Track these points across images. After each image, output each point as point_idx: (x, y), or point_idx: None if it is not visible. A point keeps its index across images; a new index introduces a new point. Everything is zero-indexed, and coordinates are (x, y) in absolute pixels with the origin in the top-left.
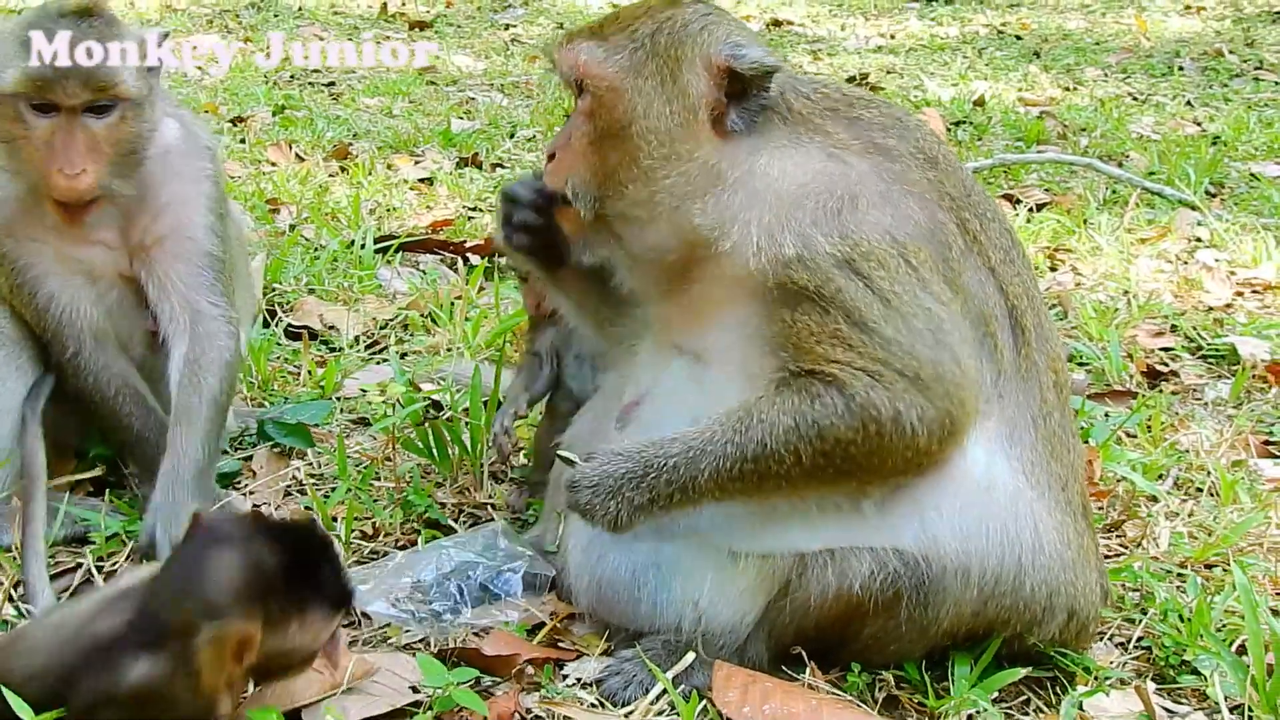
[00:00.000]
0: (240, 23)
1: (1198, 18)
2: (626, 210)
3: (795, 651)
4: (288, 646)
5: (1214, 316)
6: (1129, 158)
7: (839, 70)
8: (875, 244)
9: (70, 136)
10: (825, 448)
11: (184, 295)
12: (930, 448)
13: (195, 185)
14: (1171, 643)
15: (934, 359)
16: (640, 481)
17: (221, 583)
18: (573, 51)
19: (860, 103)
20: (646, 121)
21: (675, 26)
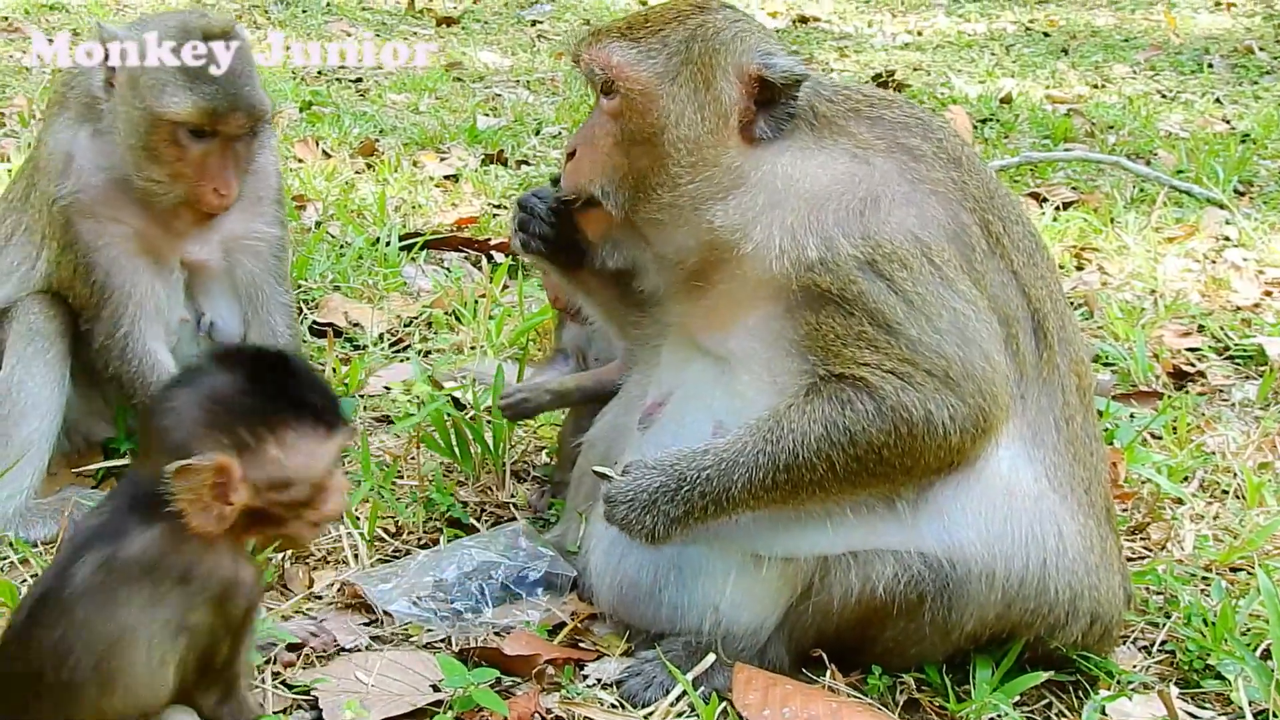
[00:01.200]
0: (269, 18)
1: (1228, 14)
2: (652, 214)
3: (816, 654)
4: (280, 475)
5: (1242, 316)
6: (1157, 156)
7: (865, 67)
8: (898, 244)
9: (226, 160)
10: (859, 453)
11: (255, 279)
12: (964, 445)
13: (265, 178)
14: (1195, 647)
15: (963, 356)
16: (674, 495)
17: (177, 421)
18: (605, 51)
19: (882, 103)
20: (678, 129)
21: (709, 34)
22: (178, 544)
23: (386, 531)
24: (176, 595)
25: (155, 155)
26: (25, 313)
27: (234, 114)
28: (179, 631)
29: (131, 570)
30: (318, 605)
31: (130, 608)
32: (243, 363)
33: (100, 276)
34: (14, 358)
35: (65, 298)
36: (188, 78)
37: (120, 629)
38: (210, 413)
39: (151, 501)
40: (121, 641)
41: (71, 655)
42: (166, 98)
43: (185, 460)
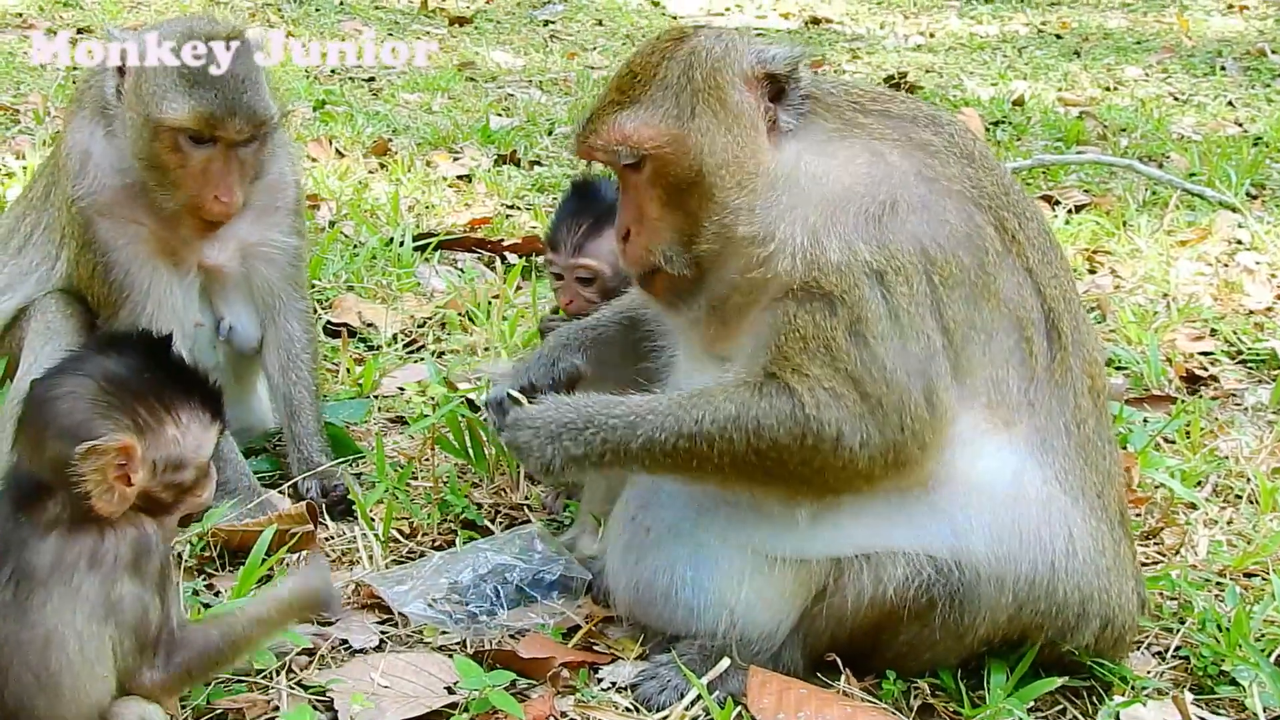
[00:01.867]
0: (283, 16)
1: (1240, 17)
2: (709, 245)
3: (830, 658)
4: (176, 455)
5: (1254, 320)
6: (1169, 159)
7: (878, 69)
8: (908, 257)
9: (228, 166)
10: (761, 446)
11: (272, 286)
12: (872, 472)
13: (283, 187)
14: (1209, 652)
15: (906, 387)
16: (579, 434)
17: (73, 405)
18: (615, 129)
19: (883, 97)
20: (715, 158)
21: (702, 57)
22: (75, 534)
23: (401, 533)
24: (91, 580)
25: (158, 161)
26: (43, 311)
27: (232, 120)
28: (106, 615)
29: (40, 575)
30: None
31: (48, 610)
32: (132, 347)
33: (118, 276)
34: (31, 356)
35: (83, 297)
36: (186, 83)
37: (47, 634)
38: (110, 394)
39: (38, 498)
40: (51, 645)
41: (9, 674)
42: (165, 104)
43: (93, 441)
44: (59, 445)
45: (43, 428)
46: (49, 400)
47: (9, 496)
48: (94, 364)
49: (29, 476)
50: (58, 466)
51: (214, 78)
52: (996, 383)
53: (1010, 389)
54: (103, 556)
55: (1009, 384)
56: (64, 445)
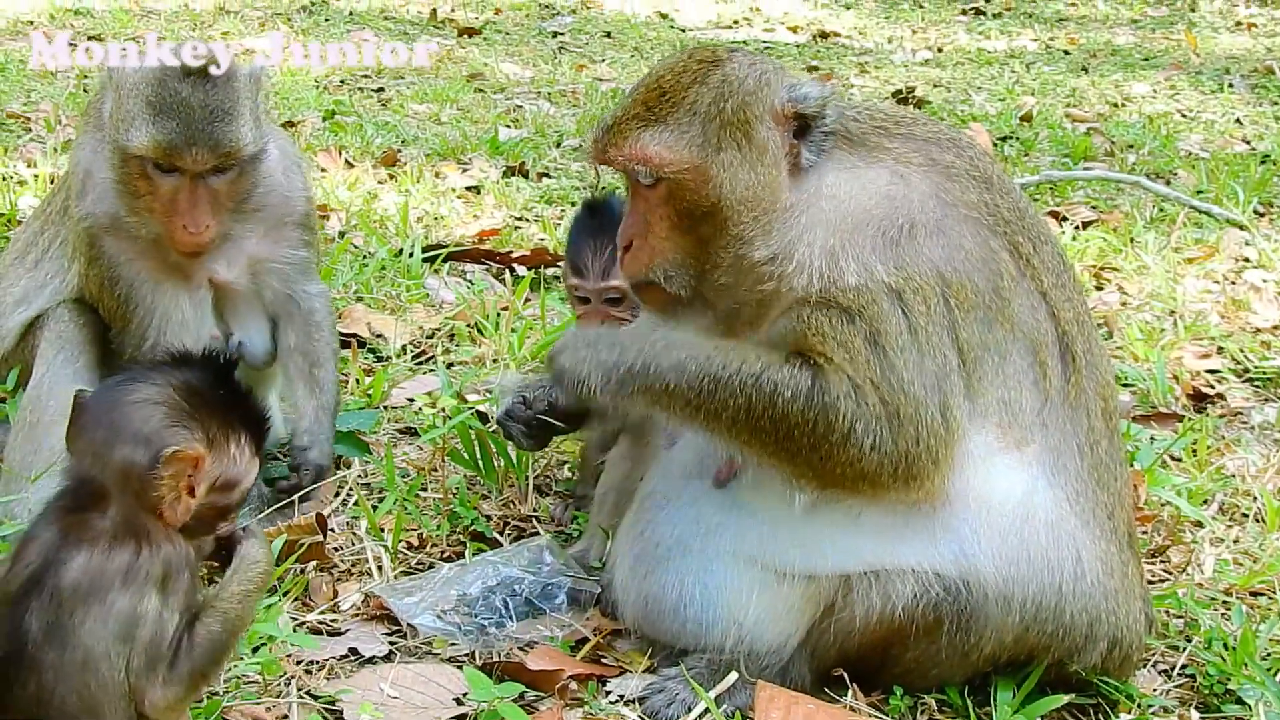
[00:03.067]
0: (292, 26)
1: (1248, 34)
2: (719, 280)
3: (837, 674)
4: (231, 475)
5: (1261, 338)
6: (1177, 176)
7: (886, 83)
8: (924, 279)
9: (194, 196)
10: (773, 415)
11: (284, 292)
12: (879, 478)
13: (293, 204)
14: (1216, 671)
15: (921, 401)
16: (614, 344)
17: (152, 413)
18: (638, 145)
19: (907, 119)
20: (735, 193)
21: (735, 87)
22: (113, 549)
23: (410, 544)
24: (122, 597)
25: (130, 188)
26: (56, 320)
27: (193, 150)
28: (128, 632)
29: (80, 593)
30: (342, 617)
31: (85, 631)
32: (201, 364)
33: (124, 291)
34: (44, 365)
35: (95, 307)
36: (152, 111)
37: (85, 654)
38: (185, 404)
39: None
40: (88, 667)
41: (54, 702)
42: (130, 131)
43: (176, 446)
44: (132, 450)
45: (116, 433)
46: (126, 405)
47: (58, 515)
48: (167, 375)
49: (85, 486)
50: (126, 471)
51: (181, 106)
52: (1009, 403)
53: (1024, 410)
54: (136, 572)
55: (1022, 405)
56: (138, 450)
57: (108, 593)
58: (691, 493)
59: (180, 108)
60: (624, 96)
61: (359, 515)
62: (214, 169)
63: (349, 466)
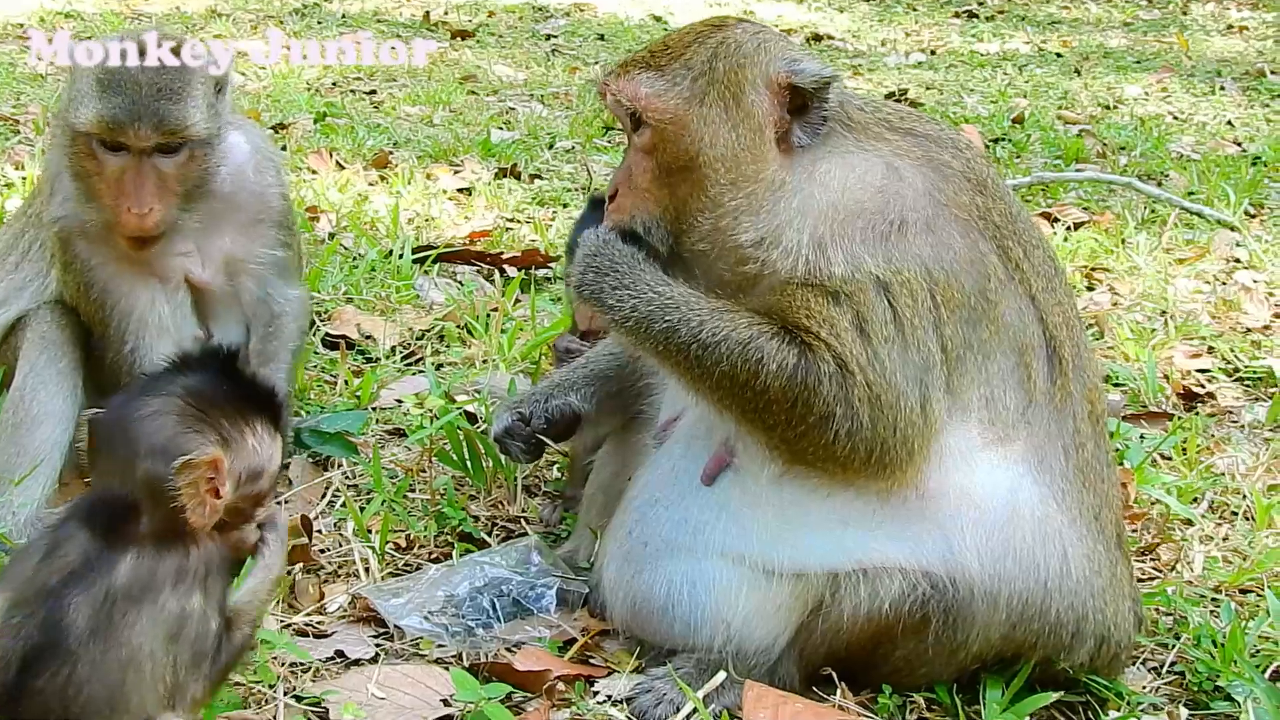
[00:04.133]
0: (284, 28)
1: (1240, 37)
2: (696, 243)
3: (826, 673)
4: (256, 465)
5: (1252, 338)
6: (1168, 177)
7: (879, 85)
8: (912, 274)
9: (140, 176)
10: (754, 384)
11: (257, 297)
12: (850, 462)
13: (266, 201)
14: (1205, 668)
15: (902, 392)
16: (618, 286)
17: (164, 424)
18: (631, 84)
19: (911, 116)
20: (714, 150)
21: (731, 50)
22: (162, 551)
23: (398, 545)
24: (173, 598)
25: (78, 170)
26: (38, 322)
27: (137, 125)
28: (177, 632)
29: (131, 595)
30: (328, 619)
31: (136, 630)
32: (205, 362)
33: (98, 294)
34: (27, 366)
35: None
36: (99, 88)
37: (132, 653)
38: (194, 410)
39: (121, 519)
40: (130, 665)
41: (82, 694)
42: (77, 108)
43: (186, 456)
44: (152, 463)
45: (133, 448)
46: (136, 421)
47: (94, 521)
48: (174, 383)
49: (118, 499)
50: (152, 484)
51: (128, 84)
52: (991, 401)
53: (1007, 408)
54: (185, 574)
55: (1006, 403)
56: (157, 463)
57: (159, 594)
58: (680, 492)
59: (128, 85)
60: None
61: (345, 516)
62: (160, 148)
63: (337, 467)
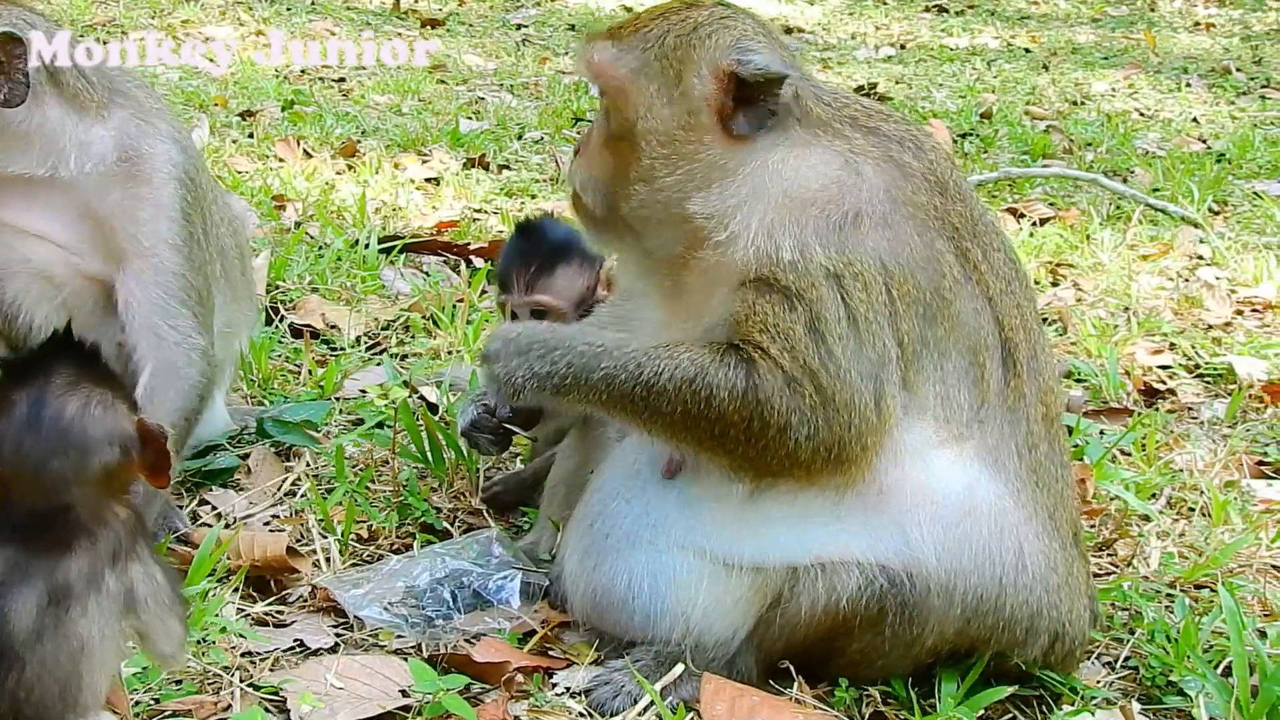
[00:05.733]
0: (253, 15)
1: (1207, 34)
2: (634, 208)
3: (783, 666)
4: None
5: (1213, 335)
6: (1134, 173)
7: (849, 79)
8: (865, 267)
9: None
10: (709, 414)
11: (145, 318)
12: (812, 464)
13: (152, 197)
14: (1158, 663)
15: (858, 388)
16: (547, 354)
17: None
18: (590, 51)
19: (879, 115)
20: (647, 122)
21: (685, 29)
22: (95, 540)
23: (360, 536)
24: (114, 576)
25: None
26: None
27: None
28: (126, 606)
29: (76, 592)
30: (288, 608)
31: (83, 621)
32: (64, 346)
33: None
34: None
35: None
36: None
37: (82, 643)
38: (107, 387)
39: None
40: (81, 654)
41: (34, 694)
42: None
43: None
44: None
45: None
46: (40, 416)
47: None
48: (55, 368)
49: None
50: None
51: None
52: (946, 399)
53: (961, 407)
54: (120, 549)
55: (960, 402)
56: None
57: (101, 579)
58: (641, 485)
59: None
60: None
61: (305, 507)
62: None
63: (298, 457)
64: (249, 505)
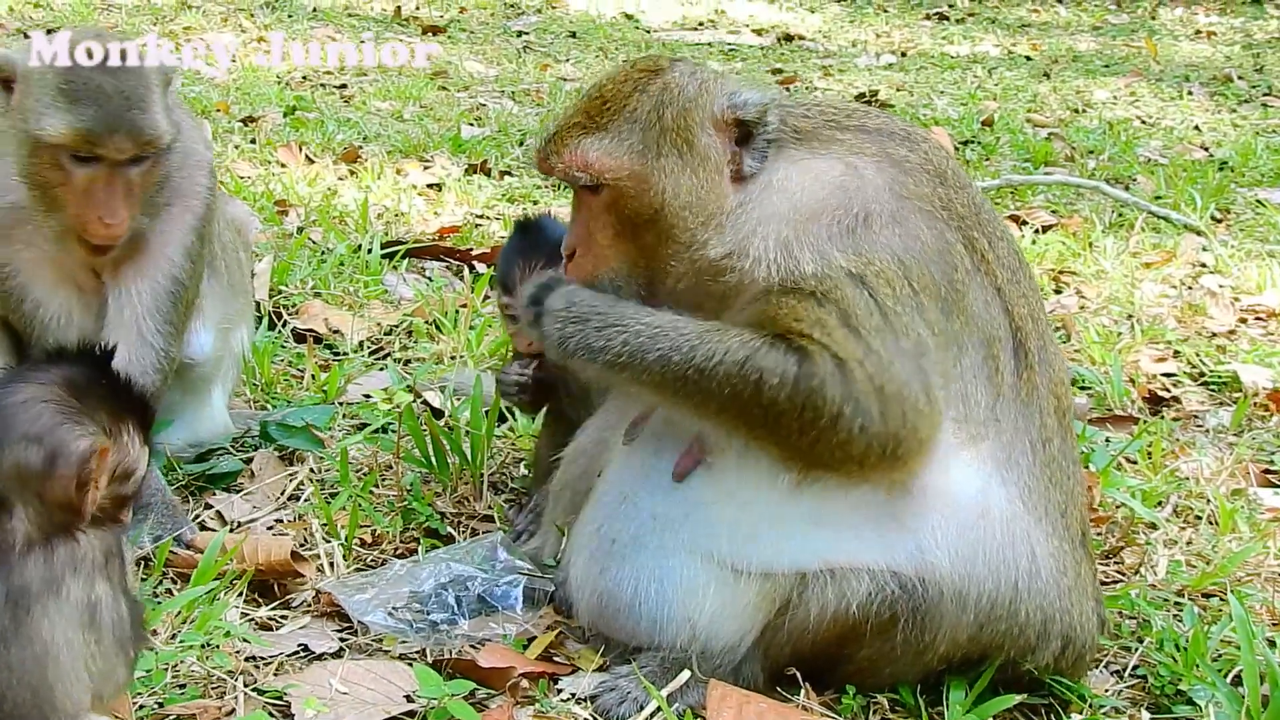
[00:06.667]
0: (255, 21)
1: (1208, 42)
2: (676, 282)
3: (790, 673)
4: (128, 464)
5: (1217, 343)
6: (1136, 181)
7: (849, 87)
8: (884, 264)
9: (112, 187)
10: (760, 401)
11: (135, 314)
12: (866, 459)
13: (185, 204)
14: (1167, 672)
15: (905, 380)
16: (604, 326)
17: (37, 412)
18: (579, 151)
19: (858, 113)
20: (678, 199)
21: (675, 95)
22: (54, 543)
23: (364, 541)
24: (75, 585)
25: (39, 180)
26: None
27: (114, 138)
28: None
29: (33, 592)
30: (293, 613)
31: (45, 625)
32: (80, 358)
33: (14, 300)
34: None
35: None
36: (67, 100)
37: (47, 647)
38: (74, 399)
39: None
40: (47, 660)
41: (6, 700)
42: (45, 120)
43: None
44: (24, 451)
45: (3, 437)
46: (7, 408)
47: None
48: (47, 373)
49: None
50: (22, 475)
51: (97, 94)
52: (965, 397)
53: (978, 405)
54: (82, 560)
55: (977, 399)
56: (30, 451)
57: (62, 585)
58: (649, 488)
59: (96, 94)
60: (565, 107)
61: (308, 512)
62: (132, 159)
63: (302, 462)
64: (253, 510)
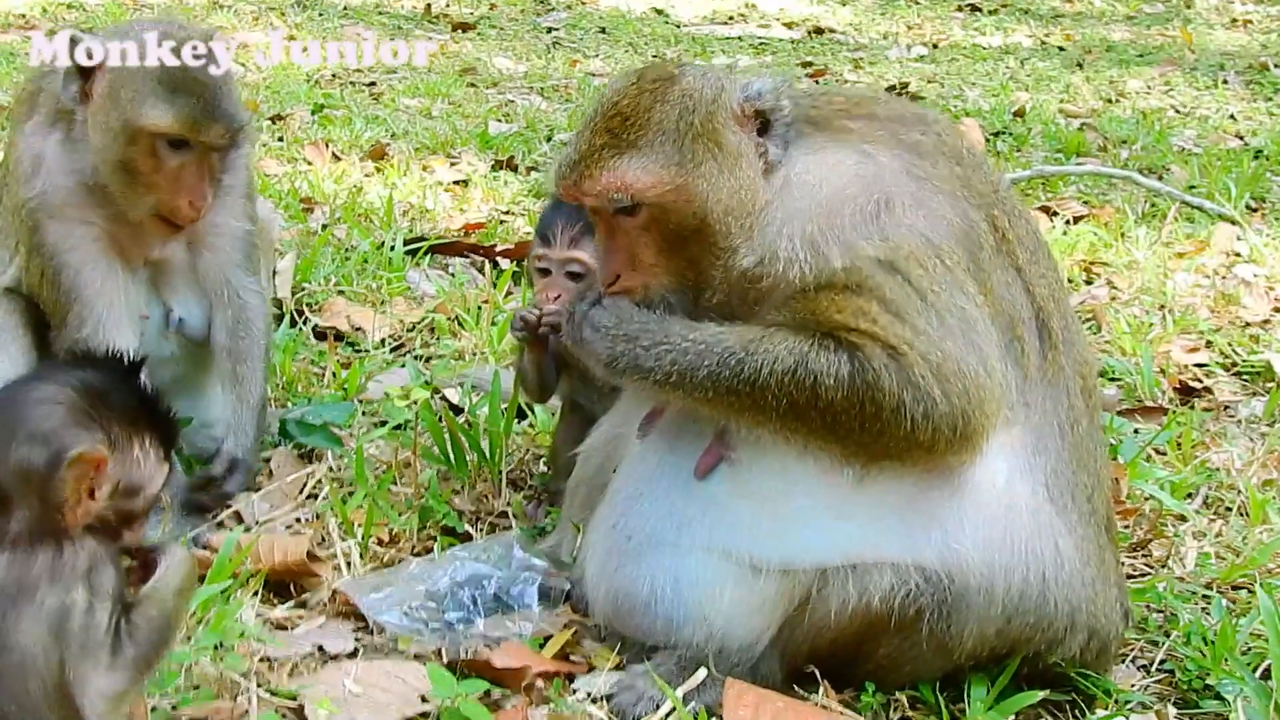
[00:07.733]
0: (285, 20)
1: (1244, 31)
2: (716, 291)
3: (809, 670)
4: (135, 480)
5: (1250, 333)
6: (1169, 171)
7: (880, 79)
8: (912, 246)
9: (202, 171)
10: (819, 404)
11: (222, 271)
12: (935, 445)
13: (236, 173)
14: (1195, 666)
15: (961, 356)
16: (652, 345)
17: (47, 412)
18: (615, 173)
19: (867, 100)
20: (720, 204)
21: (696, 100)
22: (35, 548)
23: (381, 539)
24: (51, 593)
25: (131, 166)
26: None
27: (214, 125)
28: (59, 626)
29: (8, 594)
30: (308, 613)
31: (20, 632)
32: (106, 365)
33: (69, 278)
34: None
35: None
36: (168, 89)
37: (22, 657)
38: (87, 404)
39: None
40: (26, 668)
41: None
42: (147, 108)
43: (79, 448)
44: (28, 450)
45: (10, 432)
46: (20, 404)
47: None
48: (68, 375)
49: None
50: (24, 473)
51: (195, 83)
52: None
53: (1008, 388)
54: (61, 568)
55: (1007, 383)
56: (34, 450)
57: (36, 591)
58: (666, 485)
59: (195, 86)
60: (580, 130)
61: (326, 510)
62: (226, 144)
63: (320, 460)
64: (270, 509)
